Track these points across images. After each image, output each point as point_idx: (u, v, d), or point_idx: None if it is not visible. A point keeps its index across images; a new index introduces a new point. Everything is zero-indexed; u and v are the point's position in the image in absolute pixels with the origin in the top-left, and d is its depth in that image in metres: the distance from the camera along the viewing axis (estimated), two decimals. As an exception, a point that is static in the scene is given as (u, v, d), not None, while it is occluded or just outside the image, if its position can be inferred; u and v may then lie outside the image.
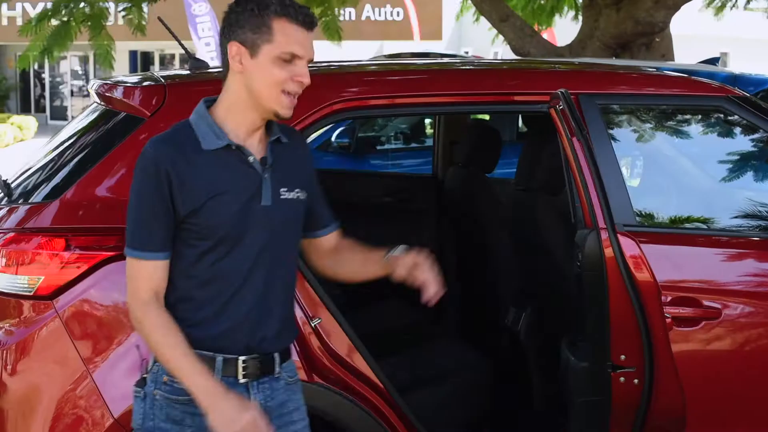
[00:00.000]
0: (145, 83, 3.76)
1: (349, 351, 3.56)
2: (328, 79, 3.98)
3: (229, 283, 2.76)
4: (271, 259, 2.80)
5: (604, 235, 3.41)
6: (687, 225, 3.87)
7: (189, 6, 16.50)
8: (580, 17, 12.07)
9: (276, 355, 2.87)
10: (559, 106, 3.48)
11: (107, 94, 3.80)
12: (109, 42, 9.87)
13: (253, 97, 2.75)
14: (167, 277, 2.77)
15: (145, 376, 2.86)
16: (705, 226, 3.90)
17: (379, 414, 3.55)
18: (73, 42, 9.91)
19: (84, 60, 32.43)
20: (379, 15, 28.52)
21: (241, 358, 2.79)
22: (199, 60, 4.00)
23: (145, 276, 2.74)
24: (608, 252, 3.39)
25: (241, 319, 2.78)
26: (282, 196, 2.81)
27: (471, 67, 4.51)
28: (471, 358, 4.58)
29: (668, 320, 3.47)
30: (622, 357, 3.43)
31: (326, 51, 11.01)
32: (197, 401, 2.68)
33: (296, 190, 2.86)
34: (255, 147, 2.81)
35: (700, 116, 4.20)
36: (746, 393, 3.66)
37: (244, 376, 2.80)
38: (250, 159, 2.77)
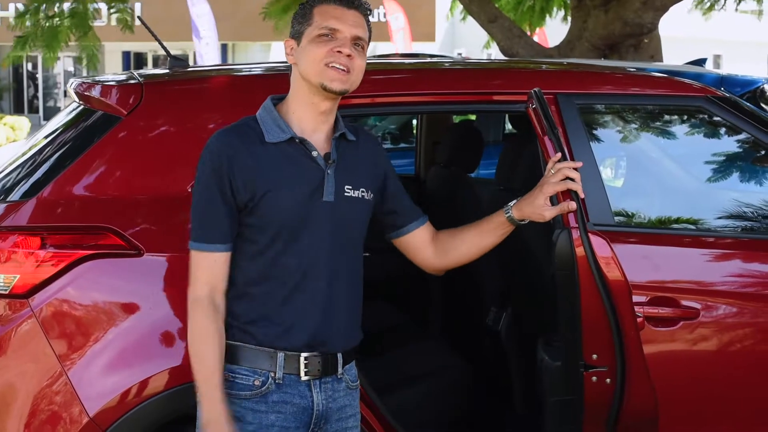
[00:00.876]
0: (123, 82, 3.76)
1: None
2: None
3: (288, 279, 2.78)
4: (333, 256, 2.82)
5: (575, 234, 3.41)
6: (664, 225, 3.87)
7: (191, 6, 16.57)
8: (570, 18, 12.11)
9: (339, 355, 2.87)
10: (533, 105, 3.48)
11: (85, 93, 3.79)
12: (95, 43, 9.87)
13: (306, 82, 2.81)
14: (227, 273, 2.80)
15: None
16: (683, 226, 3.90)
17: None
18: (68, 43, 9.91)
19: (78, 61, 32.44)
20: (373, 16, 28.50)
21: (303, 354, 2.80)
22: (178, 59, 4.01)
23: (203, 268, 2.79)
24: (579, 251, 3.39)
25: (302, 317, 2.80)
26: (346, 194, 2.84)
27: (452, 66, 4.51)
28: (452, 359, 4.58)
29: (640, 320, 3.47)
30: (594, 356, 3.43)
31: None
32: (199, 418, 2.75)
33: (361, 189, 2.88)
34: (320, 143, 2.85)
35: (679, 116, 4.20)
36: (725, 393, 3.67)
37: (306, 374, 2.80)
38: (314, 153, 2.80)
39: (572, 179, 3.21)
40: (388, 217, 3.10)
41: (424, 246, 3.14)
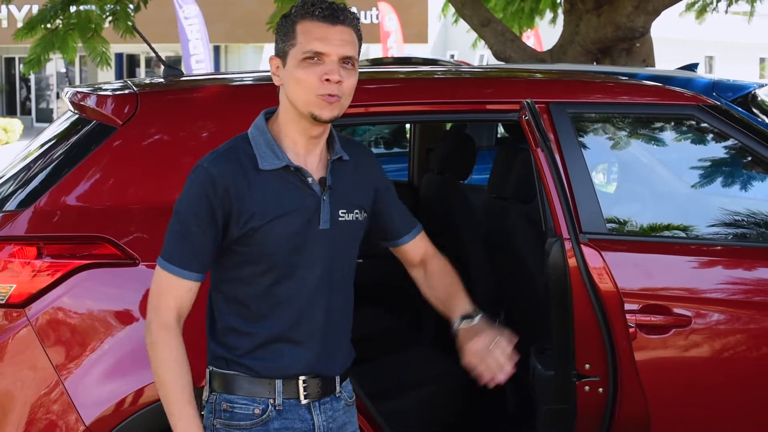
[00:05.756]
0: (118, 92, 3.77)
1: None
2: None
3: (284, 311, 2.68)
4: (330, 283, 2.72)
5: (567, 245, 3.43)
6: (656, 233, 3.90)
7: (179, 8, 16.56)
8: (559, 21, 12.13)
9: (337, 376, 2.80)
10: (525, 117, 3.51)
11: (80, 103, 3.81)
12: (103, 44, 9.93)
13: (293, 106, 2.66)
14: (194, 300, 2.68)
15: (202, 413, 2.77)
16: (674, 234, 3.93)
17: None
18: (77, 44, 10.01)
19: (70, 62, 32.41)
20: (365, 18, 28.54)
21: (302, 378, 2.71)
22: (172, 68, 4.02)
23: (174, 294, 2.65)
24: (572, 262, 3.41)
25: (300, 347, 2.70)
26: (341, 218, 2.72)
27: (444, 75, 4.53)
28: (445, 364, 4.59)
29: (632, 329, 3.49)
30: (587, 366, 3.45)
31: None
32: None
33: (355, 211, 2.77)
34: (315, 165, 2.71)
35: (672, 125, 4.23)
36: (717, 399, 3.69)
37: (306, 397, 2.72)
38: (309, 180, 2.67)
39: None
40: (381, 229, 2.98)
41: (415, 265, 3.06)
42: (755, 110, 7.05)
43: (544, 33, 17.89)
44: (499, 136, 9.64)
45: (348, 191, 2.77)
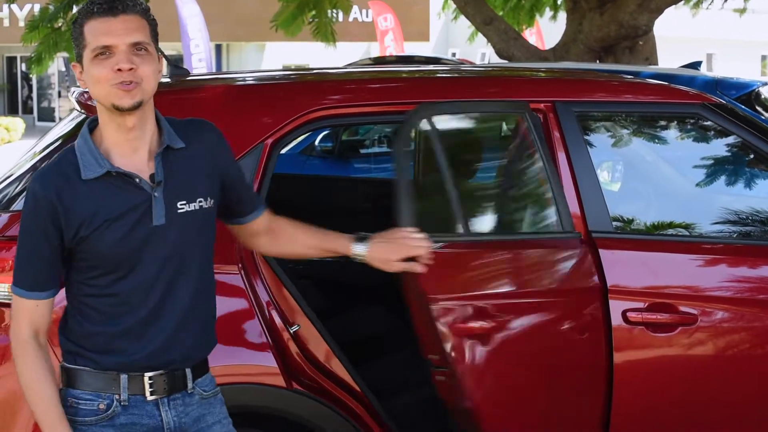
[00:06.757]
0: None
1: (328, 357, 3.59)
2: (305, 87, 4.02)
3: (127, 307, 2.69)
4: (175, 276, 2.72)
5: None
6: (661, 231, 3.91)
7: (180, 7, 16.60)
8: (559, 18, 12.13)
9: (188, 370, 2.78)
10: None
11: (87, 103, 3.81)
12: None
13: (101, 104, 2.67)
14: (50, 315, 2.72)
15: None
16: (682, 233, 3.94)
17: (359, 420, 3.57)
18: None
19: (71, 62, 32.38)
20: (367, 17, 28.55)
21: (147, 374, 2.71)
22: (178, 67, 4.01)
23: (26, 313, 2.69)
24: None
25: (144, 341, 2.70)
26: (180, 210, 2.70)
27: (448, 74, 4.53)
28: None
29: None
30: (435, 358, 3.52)
31: (314, 52, 11.02)
32: None
33: (198, 199, 2.74)
34: (143, 162, 2.69)
35: (677, 123, 4.23)
36: (724, 397, 3.70)
37: (152, 393, 2.72)
38: (137, 180, 2.66)
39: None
40: (228, 208, 2.96)
41: (259, 234, 3.05)
42: (759, 108, 7.05)
43: (546, 31, 17.89)
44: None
45: (187, 180, 2.74)
